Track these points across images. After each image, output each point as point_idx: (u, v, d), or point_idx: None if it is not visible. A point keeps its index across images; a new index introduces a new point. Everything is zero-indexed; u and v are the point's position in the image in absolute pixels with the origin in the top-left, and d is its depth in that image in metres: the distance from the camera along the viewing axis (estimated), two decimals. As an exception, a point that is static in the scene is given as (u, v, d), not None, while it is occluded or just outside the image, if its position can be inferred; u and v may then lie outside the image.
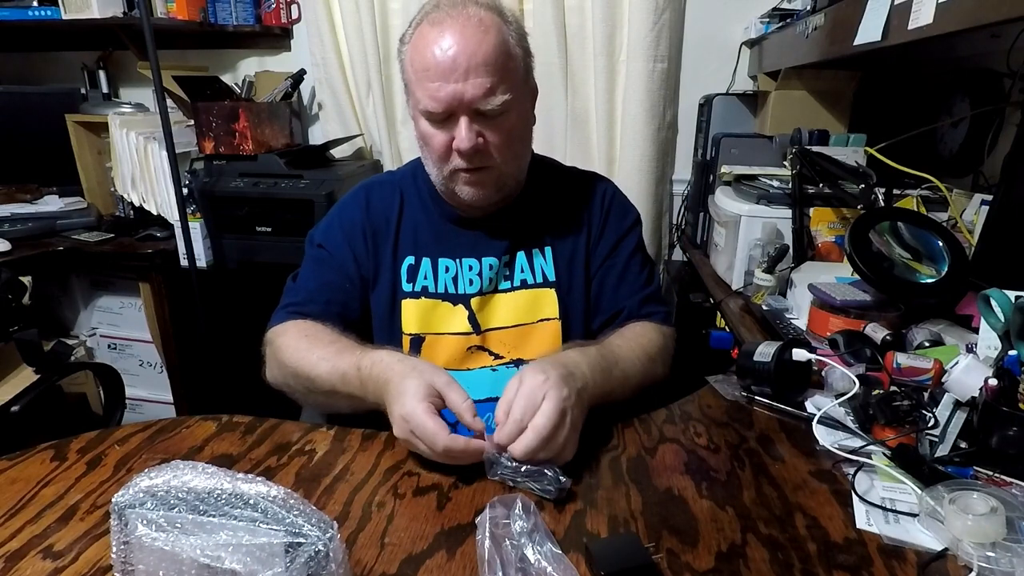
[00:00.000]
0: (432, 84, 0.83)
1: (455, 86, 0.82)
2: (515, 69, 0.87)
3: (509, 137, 0.89)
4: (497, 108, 0.84)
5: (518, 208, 0.99)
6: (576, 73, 2.01)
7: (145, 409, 2.23)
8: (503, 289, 0.98)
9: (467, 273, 0.97)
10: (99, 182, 2.19)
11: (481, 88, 0.82)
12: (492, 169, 0.90)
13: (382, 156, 2.21)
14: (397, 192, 1.01)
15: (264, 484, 0.47)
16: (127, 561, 0.46)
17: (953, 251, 0.99)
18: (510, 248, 0.98)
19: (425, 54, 0.83)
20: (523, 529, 0.54)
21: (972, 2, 0.75)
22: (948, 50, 1.46)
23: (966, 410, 0.70)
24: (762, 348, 0.84)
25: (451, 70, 0.82)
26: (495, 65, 0.83)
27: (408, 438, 0.70)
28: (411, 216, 0.99)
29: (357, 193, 1.03)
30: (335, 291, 0.97)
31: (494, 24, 0.84)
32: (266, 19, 2.16)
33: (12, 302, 1.48)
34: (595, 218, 1.02)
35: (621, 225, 1.03)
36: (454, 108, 0.84)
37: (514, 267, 0.99)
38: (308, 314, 0.93)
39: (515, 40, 0.88)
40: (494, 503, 0.57)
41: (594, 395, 0.76)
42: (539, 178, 1.02)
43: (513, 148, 0.91)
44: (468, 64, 0.81)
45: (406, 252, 0.98)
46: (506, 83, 0.84)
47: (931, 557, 0.56)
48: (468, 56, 0.81)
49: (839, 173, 1.28)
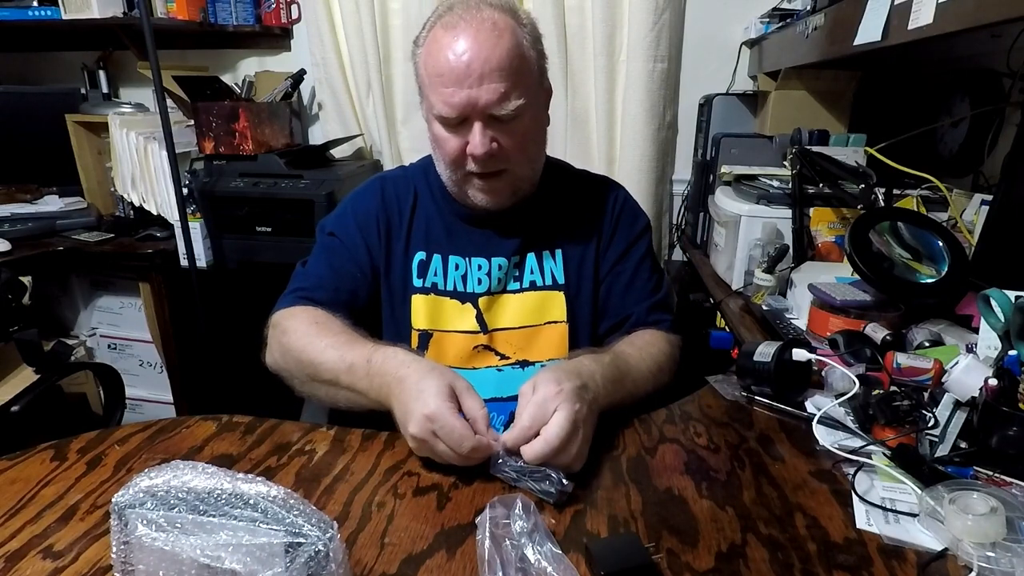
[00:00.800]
0: (446, 89, 0.82)
1: (469, 92, 0.82)
2: (529, 72, 0.86)
3: (523, 141, 0.88)
4: (511, 113, 0.84)
5: (530, 209, 0.99)
6: (576, 73, 2.01)
7: (145, 409, 2.23)
8: (512, 290, 0.98)
9: (476, 272, 0.97)
10: (99, 182, 2.19)
11: (495, 93, 0.82)
12: (506, 174, 0.89)
13: (382, 156, 2.21)
14: (411, 187, 1.01)
15: (264, 484, 0.47)
16: (127, 561, 0.46)
17: (953, 251, 0.99)
18: (520, 249, 0.98)
19: (439, 59, 0.83)
20: (523, 529, 0.54)
21: (972, 2, 0.75)
22: (948, 50, 1.47)
23: (966, 410, 0.70)
24: (762, 348, 0.84)
25: (465, 75, 0.81)
26: (509, 70, 0.82)
27: (427, 438, 0.67)
28: (423, 211, 0.99)
29: (372, 184, 1.03)
30: (345, 279, 0.96)
31: (508, 27, 0.84)
32: (266, 19, 2.16)
33: (12, 302, 1.48)
34: (606, 223, 1.02)
35: (631, 231, 1.03)
36: (468, 113, 0.84)
37: (523, 268, 0.98)
38: (317, 300, 0.92)
39: (529, 43, 0.87)
40: (494, 503, 0.57)
41: (604, 406, 0.76)
42: (551, 180, 1.02)
43: (527, 152, 0.90)
44: (482, 69, 0.81)
45: (417, 247, 0.98)
46: (520, 87, 0.84)
47: (931, 557, 0.56)
48: (482, 61, 0.81)
49: (839, 173, 1.28)
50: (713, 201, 1.54)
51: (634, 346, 0.91)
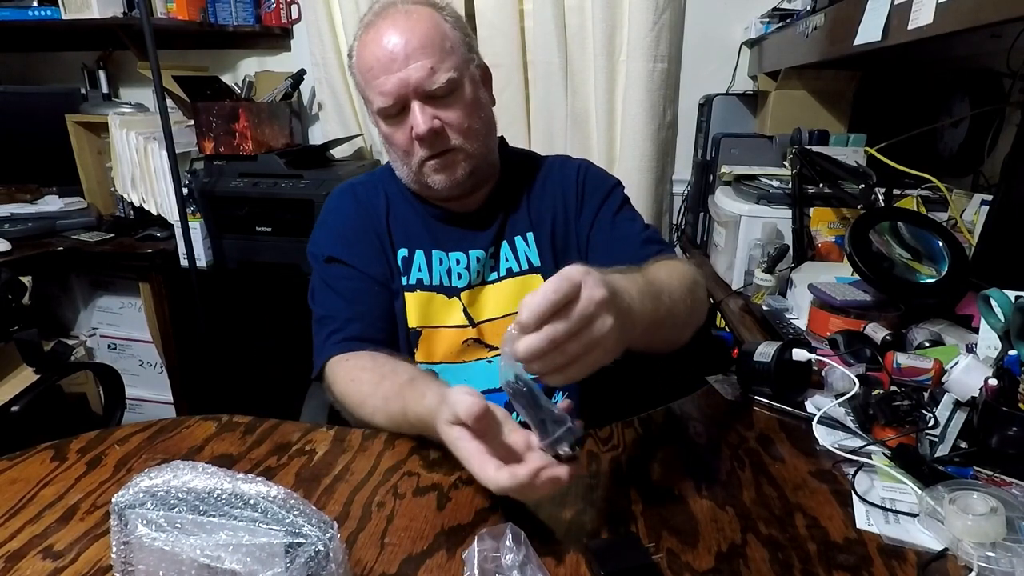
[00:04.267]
0: (378, 80, 0.86)
1: (399, 75, 0.85)
2: (454, 48, 0.89)
3: (464, 115, 0.90)
4: (443, 86, 0.86)
5: (497, 198, 1.00)
6: (576, 73, 2.01)
7: (145, 409, 2.23)
8: (491, 280, 0.99)
9: (456, 267, 0.97)
10: (99, 182, 2.19)
11: (423, 70, 0.85)
12: (456, 151, 0.90)
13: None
14: (381, 190, 1.01)
15: (264, 484, 0.47)
16: (127, 561, 0.46)
17: (953, 251, 0.99)
18: (494, 239, 0.99)
19: (366, 56, 0.88)
20: (514, 562, 0.51)
21: (972, 2, 0.75)
22: (948, 50, 1.46)
23: (966, 410, 0.70)
24: (762, 348, 0.84)
25: (391, 60, 0.85)
26: (432, 46, 0.86)
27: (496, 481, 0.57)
28: (398, 211, 1.00)
29: (343, 194, 1.03)
30: (364, 299, 0.95)
31: (424, 12, 0.88)
32: (266, 19, 2.16)
33: (12, 302, 1.48)
34: (570, 194, 1.02)
35: (599, 192, 1.02)
36: (404, 96, 0.86)
37: (499, 257, 0.99)
38: (353, 336, 0.90)
39: (451, 22, 0.90)
40: (482, 535, 0.53)
41: (642, 322, 0.64)
42: (515, 168, 1.03)
43: (472, 126, 0.91)
44: (406, 50, 0.85)
45: (399, 245, 0.98)
46: (447, 62, 0.87)
47: (931, 557, 0.56)
48: (404, 43, 0.85)
49: (839, 173, 1.28)
50: (713, 201, 1.54)
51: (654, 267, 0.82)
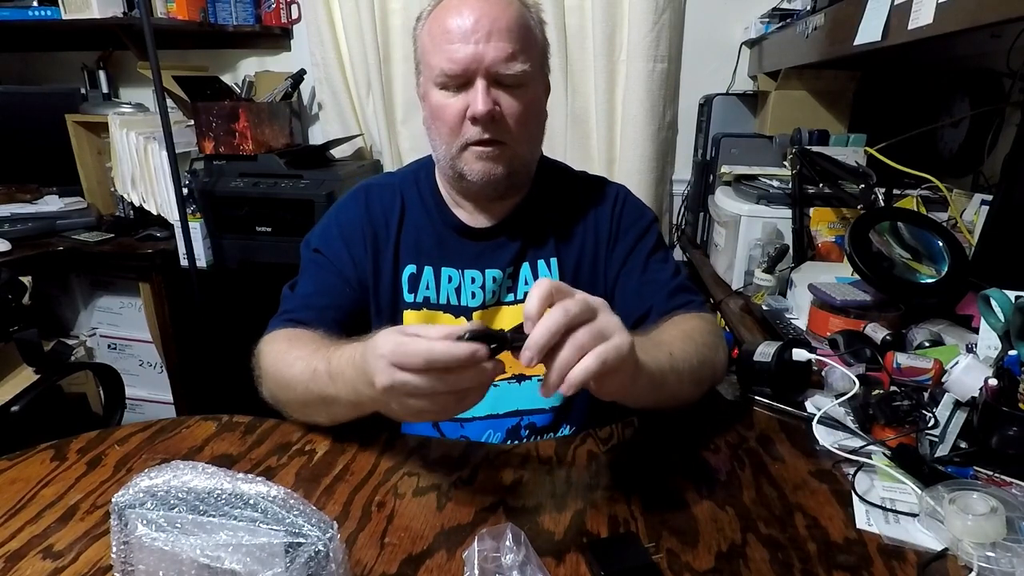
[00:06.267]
0: (452, 46, 0.81)
1: (476, 47, 0.80)
2: (535, 45, 0.86)
3: (526, 113, 0.85)
4: (517, 75, 0.82)
5: (524, 215, 0.95)
6: (576, 73, 2.01)
7: (145, 409, 2.23)
8: (507, 302, 0.94)
9: (470, 285, 0.93)
10: (99, 182, 2.19)
11: (503, 51, 0.81)
12: (506, 147, 0.86)
13: (382, 156, 2.21)
14: (398, 195, 0.96)
15: (264, 484, 0.47)
16: (127, 561, 0.46)
17: (953, 251, 0.99)
18: (515, 260, 0.94)
19: (445, 19, 0.82)
20: (514, 562, 0.51)
21: (972, 2, 0.76)
22: (948, 50, 1.47)
23: (966, 410, 0.70)
24: (762, 348, 0.84)
25: (472, 31, 0.80)
26: (517, 34, 0.82)
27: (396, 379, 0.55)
28: (412, 221, 0.95)
29: (356, 194, 0.99)
30: (332, 296, 0.92)
31: (516, 2, 0.85)
32: (266, 19, 2.16)
33: (12, 302, 1.48)
34: (604, 224, 0.96)
35: (636, 228, 0.97)
36: (473, 71, 0.81)
37: (518, 279, 0.94)
38: (302, 321, 0.88)
39: (536, 21, 0.87)
40: (482, 536, 0.53)
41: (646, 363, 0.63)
42: (547, 182, 0.98)
43: (528, 127, 0.87)
44: (491, 27, 0.80)
45: (407, 260, 0.94)
46: (526, 54, 0.83)
47: (931, 557, 0.56)
48: (491, 20, 0.80)
49: (839, 173, 1.28)
50: (713, 201, 1.54)
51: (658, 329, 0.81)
